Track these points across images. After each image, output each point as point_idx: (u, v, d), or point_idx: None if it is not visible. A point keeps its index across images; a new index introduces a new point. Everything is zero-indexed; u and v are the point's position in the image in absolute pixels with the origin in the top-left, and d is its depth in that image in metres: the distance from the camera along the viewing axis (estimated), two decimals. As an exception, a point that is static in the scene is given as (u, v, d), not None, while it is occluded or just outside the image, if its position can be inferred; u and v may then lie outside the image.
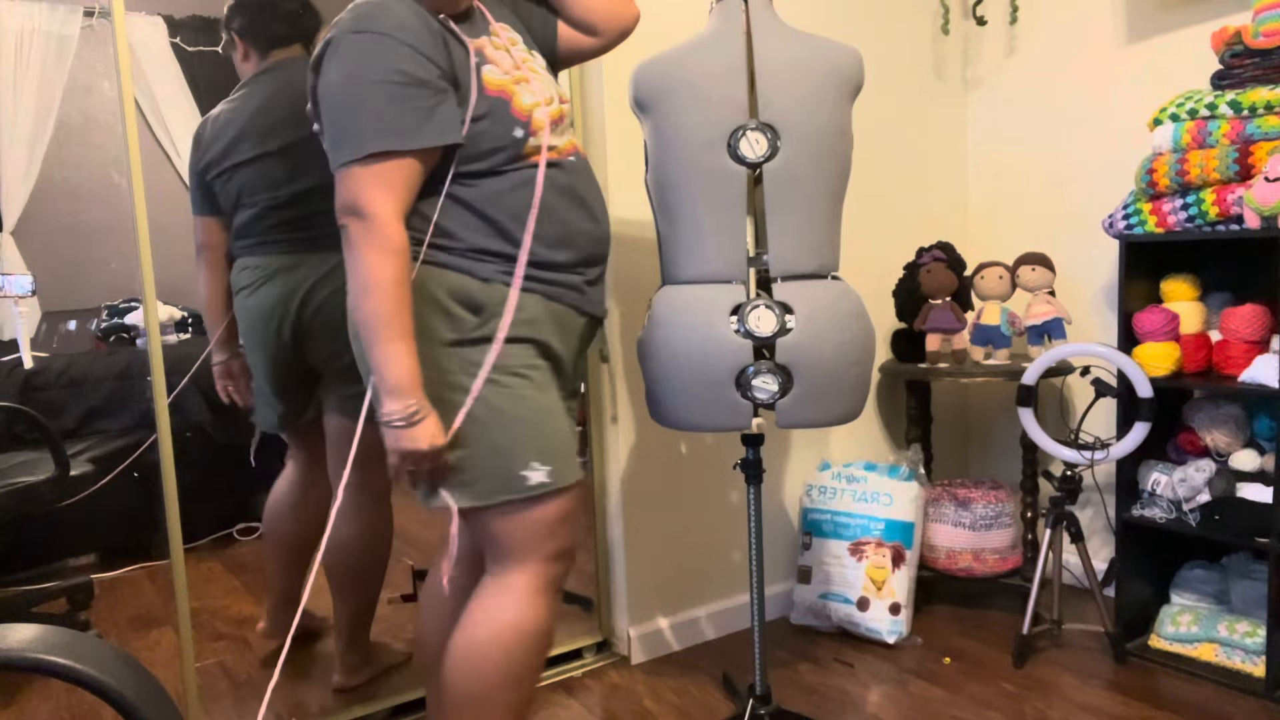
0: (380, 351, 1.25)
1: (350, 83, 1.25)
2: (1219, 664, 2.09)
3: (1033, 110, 2.73)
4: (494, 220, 1.36)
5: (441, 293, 1.33)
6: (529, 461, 1.34)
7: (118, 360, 3.00)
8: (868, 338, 1.71)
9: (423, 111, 1.26)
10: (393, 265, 1.25)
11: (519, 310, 1.37)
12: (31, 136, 3.54)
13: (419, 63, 1.26)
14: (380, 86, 1.24)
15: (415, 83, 1.25)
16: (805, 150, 1.66)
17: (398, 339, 1.25)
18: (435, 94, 1.27)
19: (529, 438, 1.34)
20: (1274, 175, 1.87)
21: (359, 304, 1.26)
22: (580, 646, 2.33)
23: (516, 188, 1.37)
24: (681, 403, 1.68)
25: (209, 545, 2.82)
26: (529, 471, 1.34)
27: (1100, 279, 2.60)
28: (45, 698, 2.20)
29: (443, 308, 1.33)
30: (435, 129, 1.27)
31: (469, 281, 1.35)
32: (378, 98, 1.24)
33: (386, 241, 1.25)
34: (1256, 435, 2.10)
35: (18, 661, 0.80)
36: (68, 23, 3.55)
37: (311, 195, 1.90)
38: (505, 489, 1.34)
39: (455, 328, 1.33)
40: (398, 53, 1.25)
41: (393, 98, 1.24)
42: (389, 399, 1.26)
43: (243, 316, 1.93)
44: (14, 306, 3.08)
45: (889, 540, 2.35)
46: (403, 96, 1.25)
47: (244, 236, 1.95)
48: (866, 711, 2.02)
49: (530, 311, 1.38)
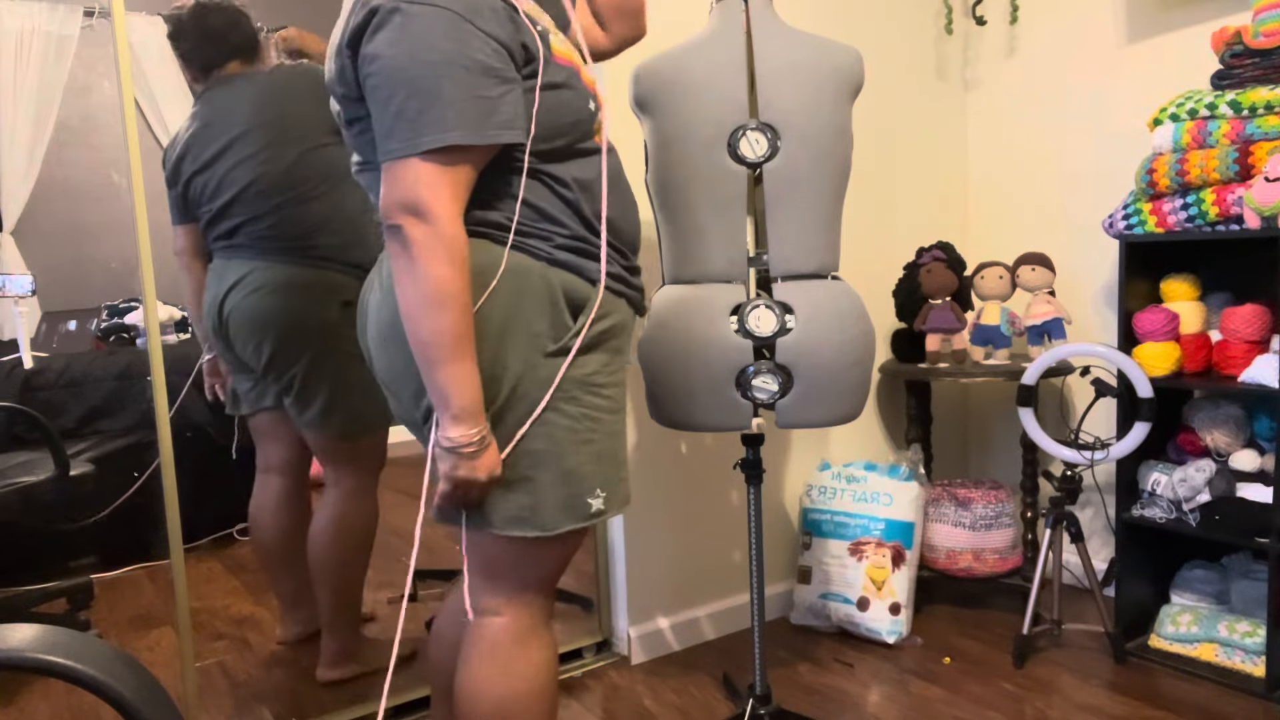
0: (450, 372, 1.10)
1: (407, 63, 1.07)
2: (1219, 664, 2.09)
3: (1033, 110, 2.73)
4: (585, 211, 1.23)
5: (558, 292, 1.20)
6: (595, 488, 1.23)
7: (118, 360, 3.01)
8: (868, 338, 1.71)
9: (490, 102, 1.10)
10: (463, 277, 1.10)
11: (608, 315, 1.25)
12: (31, 136, 3.54)
13: (485, 43, 1.10)
14: (445, 69, 1.07)
15: (482, 69, 1.09)
16: (805, 150, 1.66)
17: (468, 358, 1.11)
18: (502, 82, 1.12)
19: (597, 463, 1.23)
20: (1274, 175, 1.87)
21: (423, 318, 1.09)
22: (580, 646, 2.33)
23: (596, 177, 1.25)
24: (682, 402, 1.68)
25: (209, 545, 2.82)
26: (591, 498, 1.23)
27: (1100, 279, 2.60)
28: (45, 698, 2.20)
29: (554, 310, 1.19)
30: (502, 123, 1.12)
31: (578, 281, 1.22)
32: (442, 82, 1.07)
33: (457, 250, 1.10)
34: (1256, 435, 2.10)
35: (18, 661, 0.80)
36: (68, 23, 3.55)
37: (231, 208, 1.97)
38: (570, 518, 1.22)
39: (558, 335, 1.20)
40: (462, 31, 1.08)
41: (459, 84, 1.08)
42: (456, 425, 1.12)
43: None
44: (14, 306, 3.08)
45: (889, 540, 2.35)
46: (469, 84, 1.09)
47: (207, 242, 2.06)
48: (866, 711, 2.02)
49: (617, 316, 1.27)
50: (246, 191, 1.95)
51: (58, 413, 2.82)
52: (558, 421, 1.20)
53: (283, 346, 1.97)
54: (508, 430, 1.19)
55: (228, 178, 1.96)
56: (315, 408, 2.00)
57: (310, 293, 1.97)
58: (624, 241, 1.32)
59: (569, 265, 1.21)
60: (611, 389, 1.26)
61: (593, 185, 1.25)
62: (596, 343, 1.25)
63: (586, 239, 1.24)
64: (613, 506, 1.27)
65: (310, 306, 1.97)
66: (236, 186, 1.95)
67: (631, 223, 1.34)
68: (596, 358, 1.24)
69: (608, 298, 1.26)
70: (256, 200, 1.96)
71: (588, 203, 1.24)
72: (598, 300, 1.23)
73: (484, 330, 1.17)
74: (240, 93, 1.98)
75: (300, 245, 1.96)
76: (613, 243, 1.28)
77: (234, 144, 1.95)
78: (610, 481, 1.25)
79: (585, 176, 1.24)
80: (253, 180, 1.95)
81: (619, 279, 1.29)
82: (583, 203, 1.23)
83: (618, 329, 1.28)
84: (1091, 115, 2.58)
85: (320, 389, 1.97)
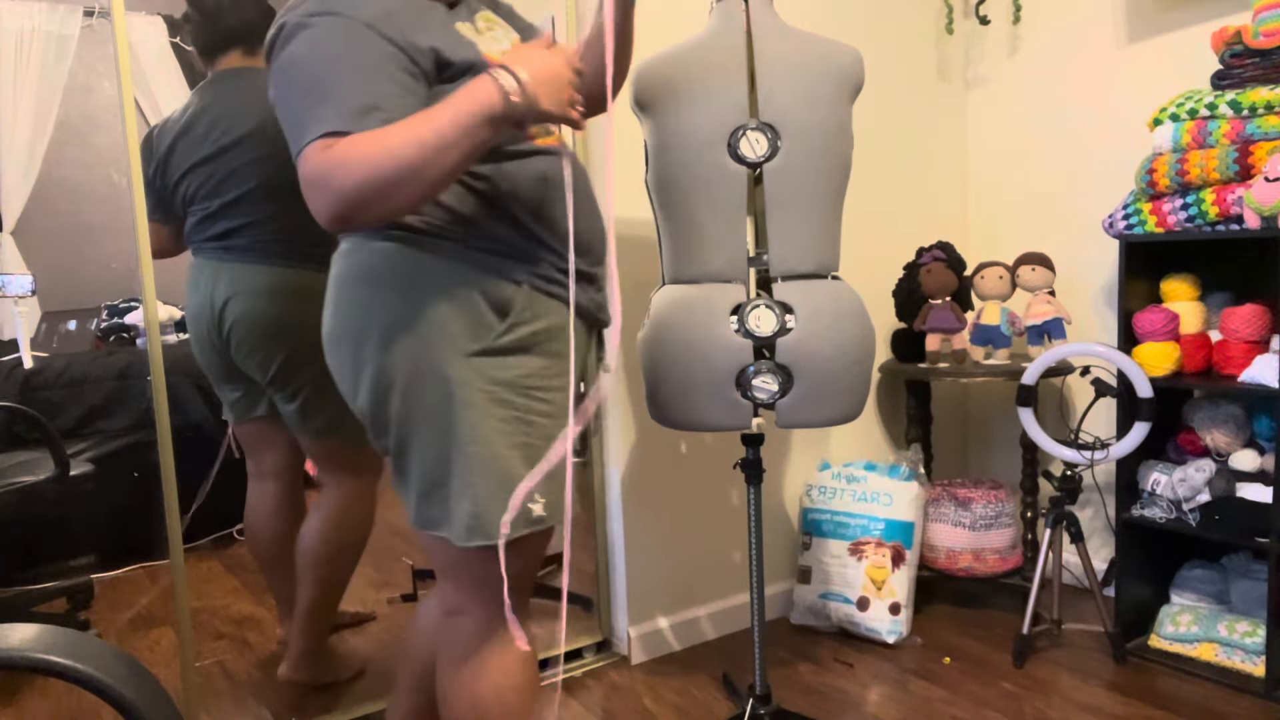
0: (445, 134, 1.06)
1: (305, 68, 1.11)
2: (1219, 664, 2.09)
3: (1033, 110, 2.73)
4: (515, 212, 1.23)
5: (474, 293, 1.19)
6: (533, 494, 1.20)
7: (118, 360, 3.01)
8: (868, 337, 1.71)
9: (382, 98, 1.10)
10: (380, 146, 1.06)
11: (540, 318, 1.23)
12: (31, 136, 3.54)
13: (383, 46, 1.12)
14: (337, 69, 1.10)
15: (376, 70, 1.11)
16: (805, 150, 1.66)
17: (432, 121, 1.06)
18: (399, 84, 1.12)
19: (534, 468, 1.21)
20: (1274, 175, 1.87)
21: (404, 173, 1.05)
22: (580, 646, 2.33)
23: (535, 178, 1.24)
24: (681, 402, 1.68)
25: (209, 545, 2.82)
26: (532, 504, 1.21)
27: (1100, 279, 2.60)
28: (45, 698, 2.20)
29: (471, 310, 1.19)
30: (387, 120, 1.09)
31: (500, 282, 1.21)
32: (333, 81, 1.09)
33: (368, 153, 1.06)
34: (1256, 435, 2.10)
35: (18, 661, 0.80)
36: (68, 23, 3.56)
37: (234, 208, 1.89)
38: (514, 524, 1.20)
39: (479, 335, 1.19)
40: (359, 34, 1.11)
41: (349, 82, 1.09)
42: (490, 114, 1.07)
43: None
44: (14, 306, 3.08)
45: (889, 540, 2.35)
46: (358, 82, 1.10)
47: (190, 240, 1.97)
48: (866, 711, 2.02)
49: (552, 320, 1.25)
50: (254, 192, 1.88)
51: (58, 413, 2.82)
52: (489, 424, 1.18)
53: (294, 356, 1.91)
54: (432, 433, 1.19)
55: (232, 176, 1.87)
56: (322, 417, 1.95)
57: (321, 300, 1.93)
58: (579, 244, 1.29)
59: (487, 266, 1.20)
60: (550, 393, 1.24)
61: (529, 186, 1.23)
62: (528, 345, 1.22)
63: (511, 240, 1.22)
64: (554, 513, 1.24)
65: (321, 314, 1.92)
66: (243, 186, 1.88)
67: (585, 227, 1.31)
68: (530, 360, 1.22)
69: (538, 299, 1.24)
70: (265, 202, 1.88)
71: (519, 203, 1.23)
72: (523, 301, 1.22)
73: (400, 332, 1.18)
74: (251, 87, 1.91)
75: (311, 251, 1.88)
76: (550, 243, 1.26)
77: (243, 141, 1.87)
78: (551, 489, 1.23)
79: (520, 177, 1.22)
80: (263, 181, 1.87)
81: (553, 280, 1.26)
82: (511, 203, 1.22)
83: (553, 332, 1.25)
84: (1092, 115, 2.58)
85: (330, 398, 1.86)
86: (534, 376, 1.23)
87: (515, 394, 1.20)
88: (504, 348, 1.20)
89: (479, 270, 1.20)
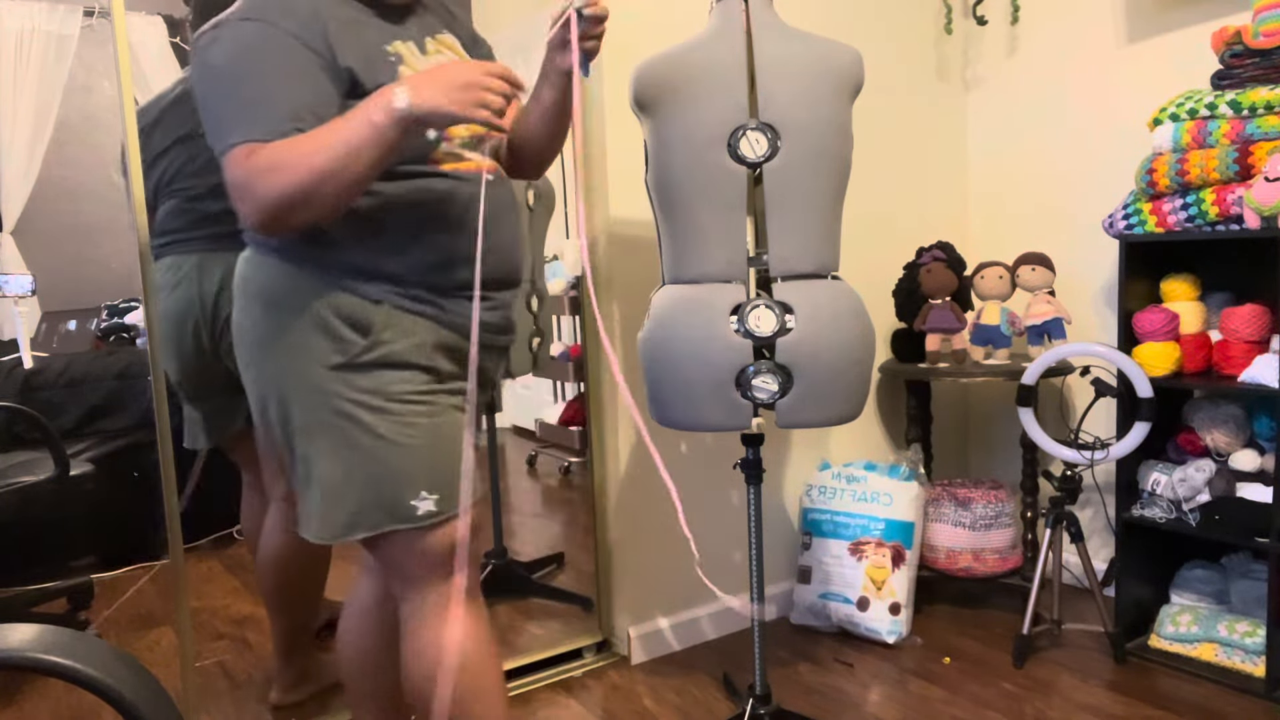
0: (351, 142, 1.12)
1: (218, 73, 1.16)
2: (1219, 664, 2.09)
3: (1033, 110, 2.73)
4: (388, 232, 1.25)
5: (327, 310, 1.24)
6: (418, 491, 1.26)
7: (118, 360, 3.01)
8: (868, 337, 1.71)
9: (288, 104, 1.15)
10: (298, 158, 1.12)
11: (406, 336, 1.27)
12: (31, 136, 3.54)
13: (294, 50, 1.16)
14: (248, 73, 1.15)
15: (286, 73, 1.16)
16: (805, 150, 1.66)
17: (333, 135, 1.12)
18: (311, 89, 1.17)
19: (419, 466, 1.27)
20: (1274, 175, 1.87)
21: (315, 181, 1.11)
22: (580, 646, 2.33)
23: (416, 200, 1.26)
24: (682, 402, 1.68)
25: (209, 545, 2.82)
26: (418, 501, 1.26)
27: (1100, 279, 2.60)
28: (45, 698, 2.20)
29: (327, 326, 1.24)
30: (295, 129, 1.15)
31: (355, 301, 1.25)
32: (243, 85, 1.15)
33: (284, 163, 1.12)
34: (1256, 435, 2.10)
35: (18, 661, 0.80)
36: (68, 23, 3.56)
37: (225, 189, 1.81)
38: (394, 518, 1.26)
39: (341, 349, 1.24)
40: (268, 36, 1.16)
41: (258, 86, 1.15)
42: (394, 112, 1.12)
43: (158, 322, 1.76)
44: (14, 306, 3.08)
45: (889, 540, 2.35)
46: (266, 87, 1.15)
47: (163, 233, 1.85)
48: (866, 711, 2.02)
49: (421, 336, 1.28)
50: None
51: (58, 413, 2.82)
52: (359, 430, 1.24)
53: None
54: (313, 442, 1.26)
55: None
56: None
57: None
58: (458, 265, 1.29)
59: (345, 285, 1.25)
60: (429, 396, 1.28)
61: (408, 208, 1.25)
62: (394, 362, 1.26)
63: (374, 260, 1.25)
64: (447, 507, 1.29)
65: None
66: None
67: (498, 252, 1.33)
68: (400, 374, 1.26)
69: (403, 318, 1.27)
70: None
71: (393, 224, 1.25)
72: (383, 320, 1.25)
73: (273, 345, 1.26)
74: None
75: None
76: (427, 264, 1.28)
77: None
78: (439, 483, 1.28)
79: (398, 198, 1.25)
80: None
81: (423, 301, 1.28)
82: (381, 224, 1.25)
83: (422, 350, 1.28)
84: (1091, 115, 2.58)
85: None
86: (406, 385, 1.27)
87: (389, 400, 1.25)
88: (368, 363, 1.25)
89: (336, 288, 1.24)
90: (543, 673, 2.24)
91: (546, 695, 2.16)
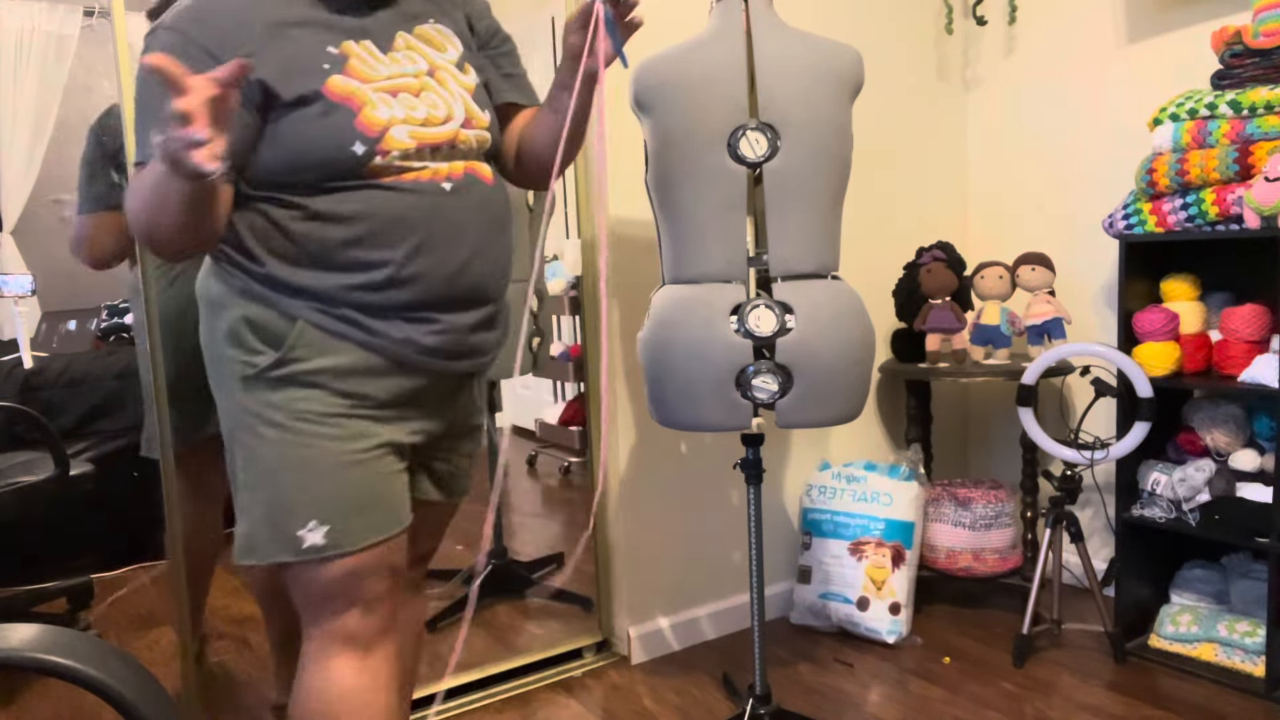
0: (153, 185, 1.03)
1: (138, 83, 1.13)
2: (1219, 664, 2.09)
3: (1032, 110, 2.73)
4: (311, 249, 1.16)
5: (240, 321, 1.18)
6: (307, 520, 1.16)
7: (118, 360, 3.00)
8: (867, 337, 1.71)
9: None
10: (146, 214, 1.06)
11: (324, 354, 1.18)
12: (31, 136, 3.54)
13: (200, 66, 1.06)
14: (152, 89, 1.09)
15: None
16: (805, 150, 1.66)
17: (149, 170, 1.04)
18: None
19: (310, 493, 1.16)
20: (1274, 175, 1.87)
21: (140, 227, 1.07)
22: (580, 646, 2.33)
23: (350, 213, 1.15)
24: (682, 402, 1.68)
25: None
26: (305, 532, 1.15)
27: (1100, 279, 2.60)
28: (45, 698, 2.20)
29: (239, 337, 1.18)
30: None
31: (270, 315, 1.18)
32: (146, 101, 1.11)
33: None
34: (1256, 435, 2.10)
35: (18, 661, 0.80)
36: (68, 23, 3.55)
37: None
38: (281, 549, 1.17)
39: (250, 362, 1.18)
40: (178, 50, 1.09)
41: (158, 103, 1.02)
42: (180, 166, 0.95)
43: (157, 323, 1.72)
44: (14, 306, 3.08)
45: (889, 540, 2.35)
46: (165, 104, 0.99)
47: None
48: (866, 711, 2.02)
49: (339, 358, 1.18)
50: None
51: (58, 413, 2.82)
52: (262, 445, 1.17)
53: None
54: (228, 454, 1.22)
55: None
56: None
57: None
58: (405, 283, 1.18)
59: (258, 297, 1.18)
60: (339, 419, 1.18)
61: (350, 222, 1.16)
62: (305, 380, 1.17)
63: (295, 280, 1.17)
64: (339, 543, 1.17)
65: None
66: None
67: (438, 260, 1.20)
68: (309, 393, 1.17)
69: (321, 338, 1.17)
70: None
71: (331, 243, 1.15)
72: (295, 337, 1.17)
73: (206, 352, 1.24)
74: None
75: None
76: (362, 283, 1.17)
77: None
78: (332, 513, 1.16)
79: (339, 213, 1.15)
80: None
81: (353, 323, 1.18)
82: (312, 238, 1.16)
83: (339, 372, 1.18)
84: (1091, 115, 2.58)
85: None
86: (317, 405, 1.17)
87: (291, 418, 1.16)
88: (278, 379, 1.17)
89: (254, 300, 1.18)
90: (543, 673, 2.24)
91: (546, 695, 2.16)
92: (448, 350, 1.24)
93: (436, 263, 1.20)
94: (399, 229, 1.17)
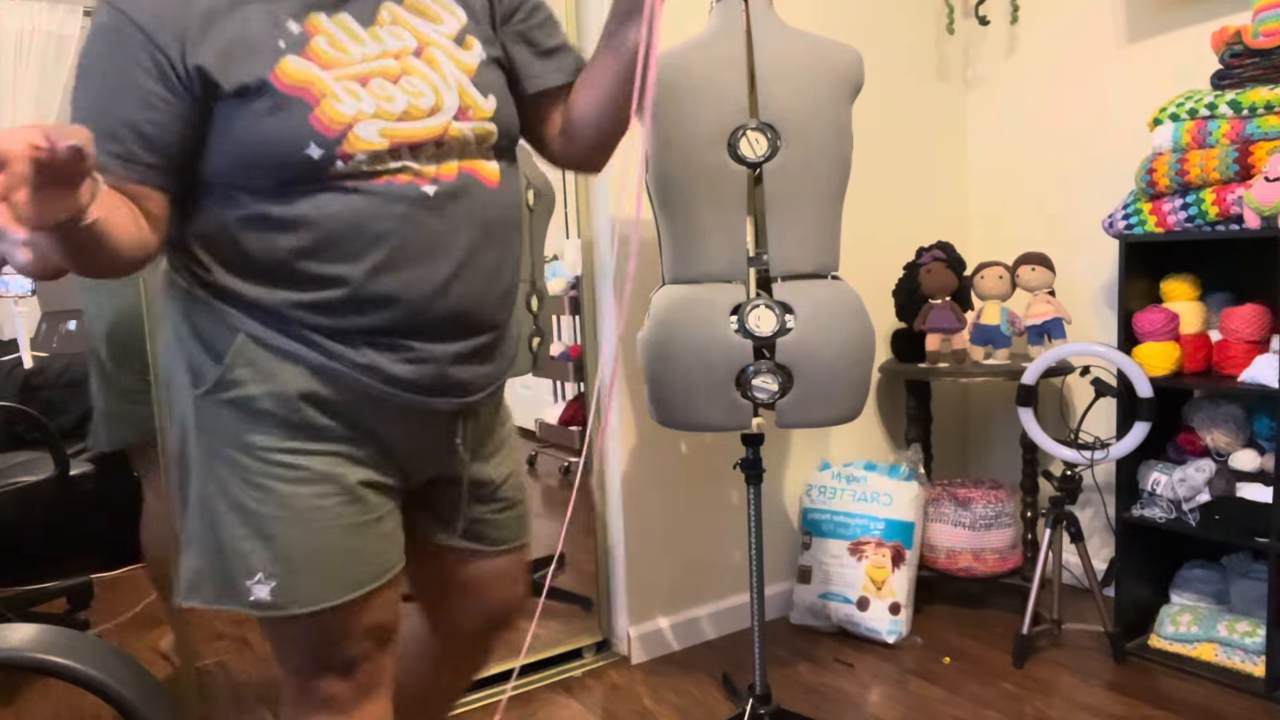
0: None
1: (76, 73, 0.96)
2: (1219, 664, 2.09)
3: (1033, 110, 2.73)
4: (257, 258, 0.99)
5: (185, 326, 1.04)
6: (255, 571, 1.00)
7: (118, 360, 3.00)
8: (868, 337, 1.71)
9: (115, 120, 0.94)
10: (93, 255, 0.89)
11: (266, 378, 1.00)
12: (31, 136, 3.54)
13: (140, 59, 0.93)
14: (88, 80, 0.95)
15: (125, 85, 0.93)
16: (805, 150, 1.66)
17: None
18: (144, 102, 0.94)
19: (256, 544, 1.00)
20: (1274, 175, 1.86)
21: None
22: (580, 646, 2.33)
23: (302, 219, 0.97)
24: (682, 402, 1.68)
25: (209, 545, 2.81)
26: (251, 583, 1.00)
27: (1100, 279, 2.60)
28: (45, 698, 2.20)
29: (183, 344, 1.04)
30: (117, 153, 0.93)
31: (213, 321, 1.02)
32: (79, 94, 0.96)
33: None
34: (1256, 435, 2.10)
35: (18, 661, 0.80)
36: (67, 23, 3.55)
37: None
38: (228, 597, 1.02)
39: (197, 376, 1.02)
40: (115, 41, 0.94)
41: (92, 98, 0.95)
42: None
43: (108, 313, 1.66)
44: (14, 306, 3.08)
45: (889, 540, 2.35)
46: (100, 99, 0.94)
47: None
48: (866, 711, 2.02)
49: (282, 382, 1.01)
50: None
51: (58, 413, 2.82)
52: (208, 482, 1.02)
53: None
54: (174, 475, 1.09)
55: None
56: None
57: None
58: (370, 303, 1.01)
59: (206, 308, 1.02)
60: (294, 458, 1.01)
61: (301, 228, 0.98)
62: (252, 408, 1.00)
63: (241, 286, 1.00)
64: (292, 603, 1.01)
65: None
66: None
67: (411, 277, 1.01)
68: (264, 425, 1.01)
69: (258, 354, 1.00)
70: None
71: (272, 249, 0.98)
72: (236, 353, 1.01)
73: (163, 366, 1.10)
74: None
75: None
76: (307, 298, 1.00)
77: None
78: (285, 571, 1.00)
79: (289, 219, 0.97)
80: None
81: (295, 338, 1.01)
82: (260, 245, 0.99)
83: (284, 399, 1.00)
84: (1091, 115, 2.58)
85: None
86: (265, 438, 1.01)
87: (242, 453, 1.01)
88: (225, 402, 1.01)
89: (199, 303, 1.03)
90: (543, 672, 2.24)
91: (546, 695, 2.16)
92: (424, 384, 1.05)
93: (408, 282, 1.01)
94: (357, 240, 0.98)
